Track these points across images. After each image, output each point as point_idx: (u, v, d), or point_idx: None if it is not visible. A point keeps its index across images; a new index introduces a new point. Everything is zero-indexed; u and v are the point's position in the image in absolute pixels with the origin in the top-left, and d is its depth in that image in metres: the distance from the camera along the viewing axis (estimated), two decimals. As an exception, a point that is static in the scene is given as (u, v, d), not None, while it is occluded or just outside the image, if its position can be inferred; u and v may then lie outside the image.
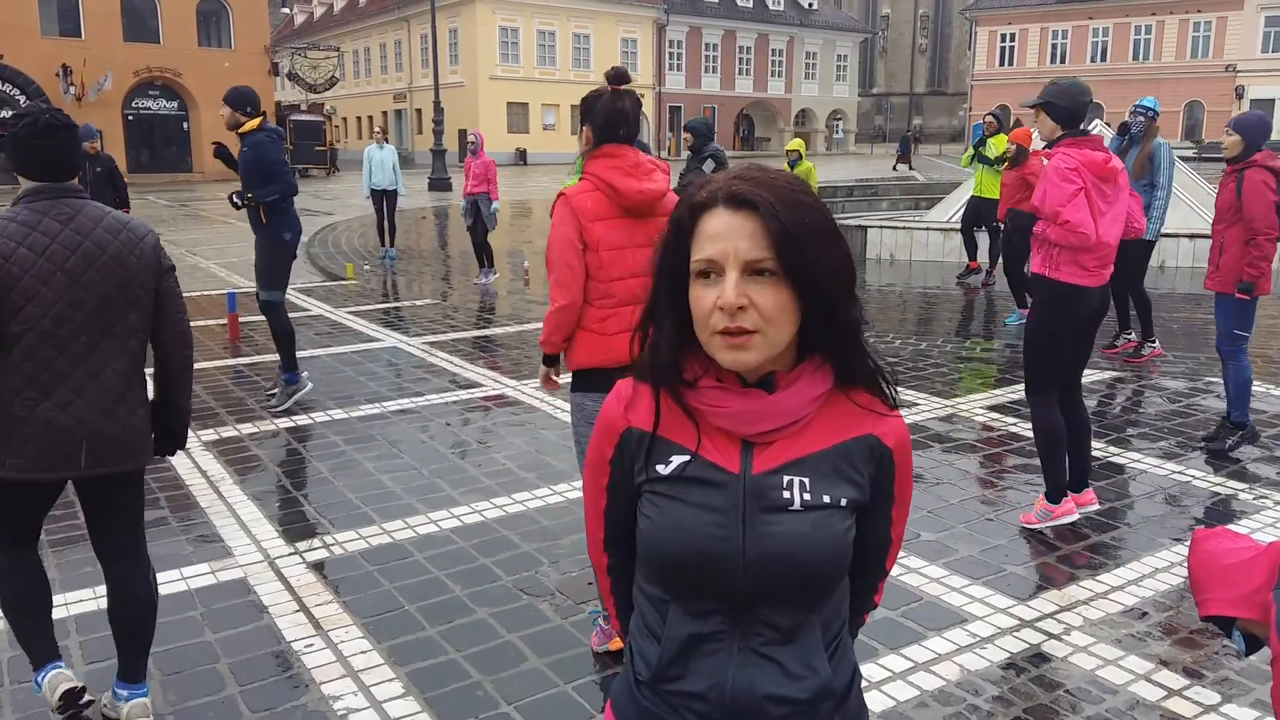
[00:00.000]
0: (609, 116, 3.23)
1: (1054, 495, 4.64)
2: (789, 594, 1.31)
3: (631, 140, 3.28)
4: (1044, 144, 4.54)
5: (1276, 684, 2.30)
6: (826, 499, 1.31)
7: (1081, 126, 4.42)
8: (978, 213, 11.80)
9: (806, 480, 1.31)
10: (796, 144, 12.85)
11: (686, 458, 1.33)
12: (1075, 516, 4.67)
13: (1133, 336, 8.19)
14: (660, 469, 1.34)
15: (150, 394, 3.08)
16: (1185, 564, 4.26)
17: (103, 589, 3.99)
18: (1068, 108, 4.36)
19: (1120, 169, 4.40)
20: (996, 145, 11.09)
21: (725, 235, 1.25)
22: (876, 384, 1.37)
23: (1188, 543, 4.41)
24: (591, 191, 3.20)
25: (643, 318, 1.39)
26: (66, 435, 2.83)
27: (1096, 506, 4.78)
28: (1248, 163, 5.55)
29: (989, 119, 11.42)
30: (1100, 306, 4.50)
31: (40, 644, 3.09)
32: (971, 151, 11.67)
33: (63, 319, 2.79)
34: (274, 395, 6.86)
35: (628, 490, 1.41)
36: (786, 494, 1.30)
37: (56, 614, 3.78)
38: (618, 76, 3.35)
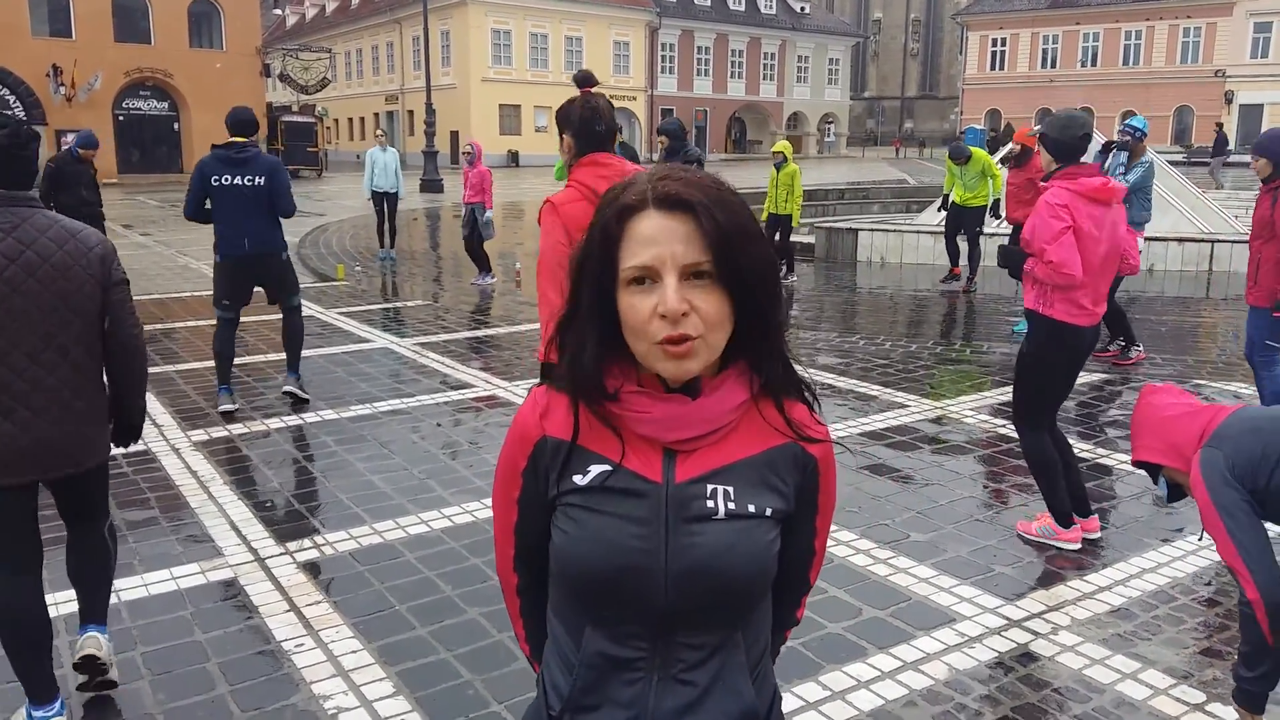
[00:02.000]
0: (585, 115, 3.23)
1: (1062, 520, 4.52)
2: (712, 608, 1.26)
3: (611, 138, 3.27)
4: (1042, 178, 4.45)
5: (1219, 537, 2.36)
6: (751, 508, 1.27)
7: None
8: (959, 220, 11.89)
9: (731, 489, 1.26)
10: (783, 146, 12.85)
11: (607, 468, 1.26)
12: (1078, 546, 4.51)
13: (1141, 347, 8.20)
14: (578, 479, 1.27)
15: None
16: (1171, 562, 4.31)
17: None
18: (1058, 140, 4.28)
19: (1119, 191, 4.32)
20: (979, 159, 11.30)
21: (660, 239, 1.19)
22: (800, 393, 1.34)
23: (1174, 543, 4.45)
24: (578, 200, 3.15)
25: (560, 325, 1.31)
26: (11, 443, 2.85)
27: (1097, 534, 4.62)
28: None
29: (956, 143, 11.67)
30: (1093, 341, 4.45)
31: (34, 678, 3.01)
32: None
33: (2, 329, 2.81)
34: (292, 393, 6.88)
35: (540, 504, 1.33)
36: (710, 503, 1.25)
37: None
38: (585, 79, 3.36)
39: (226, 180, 6.37)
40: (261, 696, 3.28)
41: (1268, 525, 2.42)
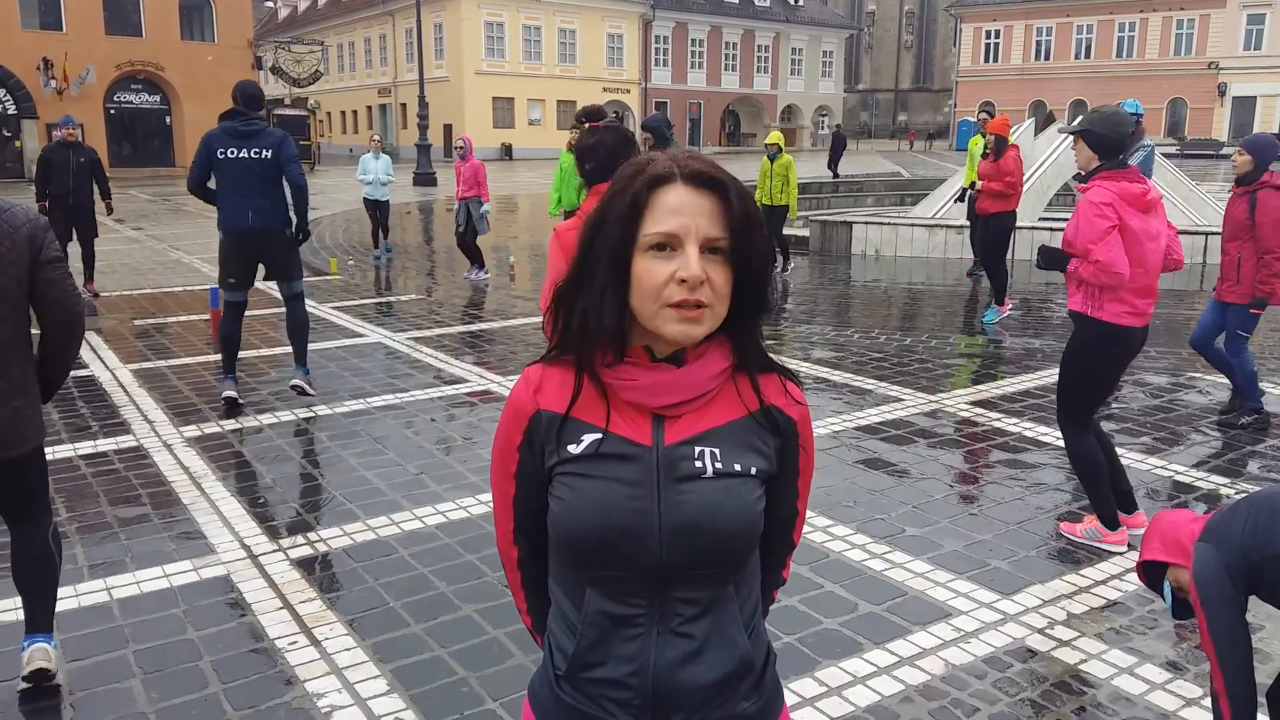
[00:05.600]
0: (578, 154, 3.39)
1: (1109, 523, 4.47)
2: (705, 562, 1.34)
3: (601, 174, 3.33)
4: (1080, 173, 4.37)
5: (1201, 630, 2.40)
6: (737, 467, 1.34)
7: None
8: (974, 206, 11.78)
9: (717, 450, 1.34)
10: (776, 137, 12.81)
11: (598, 435, 1.34)
12: (1124, 548, 4.44)
13: None
14: (571, 449, 1.34)
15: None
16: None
17: (84, 587, 3.99)
18: (1107, 136, 4.18)
19: (1159, 199, 4.28)
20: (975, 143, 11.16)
21: (686, 211, 1.28)
22: (775, 365, 1.43)
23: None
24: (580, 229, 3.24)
25: (566, 293, 1.37)
26: None
27: (1142, 529, 4.59)
28: (1260, 183, 5.79)
29: (982, 116, 11.41)
30: (1142, 342, 4.34)
31: None
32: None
33: None
34: (299, 386, 6.79)
35: (537, 476, 1.40)
36: (698, 463, 1.33)
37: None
38: (587, 115, 3.44)
39: (232, 153, 6.31)
40: (255, 695, 3.26)
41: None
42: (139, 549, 4.39)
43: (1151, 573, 2.60)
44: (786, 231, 13.31)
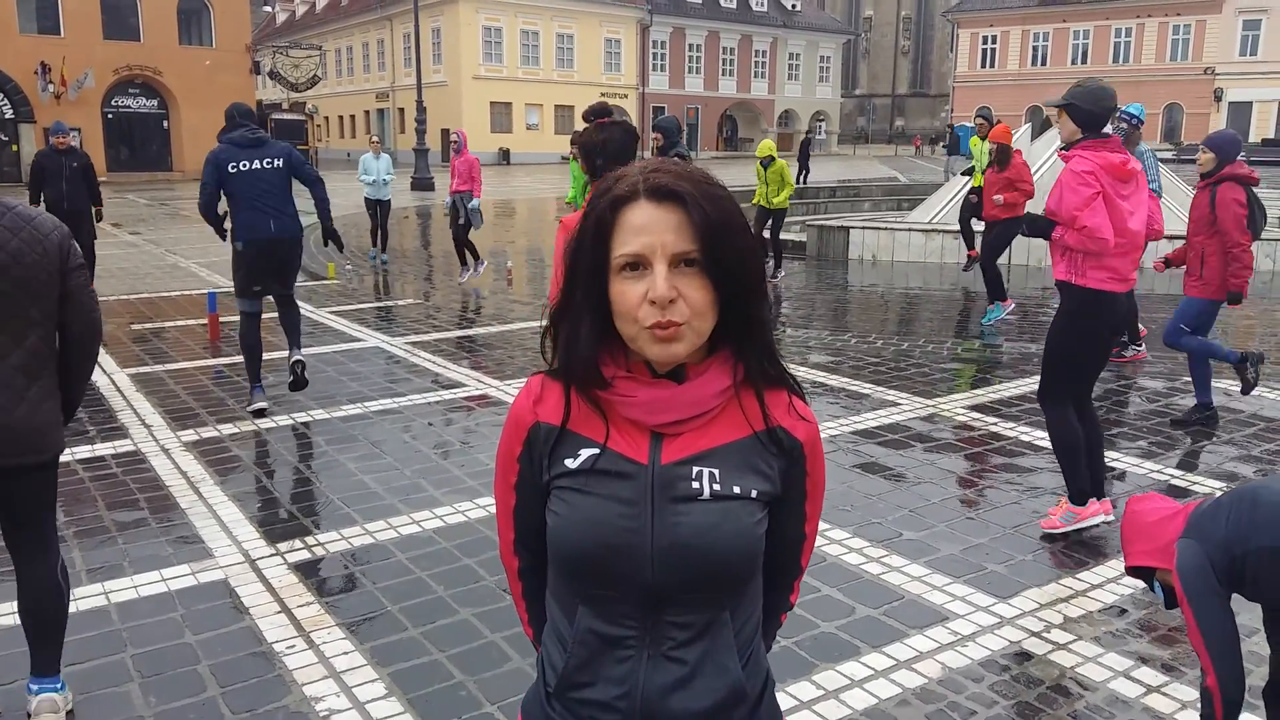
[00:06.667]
0: (585, 150, 3.47)
1: (1078, 498, 4.55)
2: (699, 587, 1.30)
3: (609, 168, 3.39)
4: (1063, 145, 4.45)
5: (1189, 624, 2.42)
6: (736, 490, 1.30)
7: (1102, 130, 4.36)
8: (974, 207, 11.74)
9: (716, 471, 1.30)
10: (767, 148, 12.75)
11: (595, 450, 1.31)
12: (1101, 519, 4.56)
13: (1142, 346, 8.25)
14: (569, 463, 1.32)
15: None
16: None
17: (82, 591, 3.99)
18: (1091, 111, 4.26)
19: (1139, 170, 4.34)
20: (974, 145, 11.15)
21: (651, 228, 1.24)
22: (785, 380, 1.37)
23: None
24: None
25: (555, 316, 1.35)
26: None
27: (1110, 517, 4.62)
28: (1219, 177, 5.87)
29: (979, 120, 11.40)
30: (1125, 310, 4.47)
31: None
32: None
33: None
34: (300, 362, 6.79)
35: (536, 488, 1.37)
36: (695, 484, 1.29)
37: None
38: (595, 112, 3.53)
39: (245, 165, 6.30)
40: (253, 699, 3.26)
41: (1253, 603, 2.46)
42: (137, 553, 4.39)
43: (1140, 570, 2.62)
44: (783, 236, 13.30)
